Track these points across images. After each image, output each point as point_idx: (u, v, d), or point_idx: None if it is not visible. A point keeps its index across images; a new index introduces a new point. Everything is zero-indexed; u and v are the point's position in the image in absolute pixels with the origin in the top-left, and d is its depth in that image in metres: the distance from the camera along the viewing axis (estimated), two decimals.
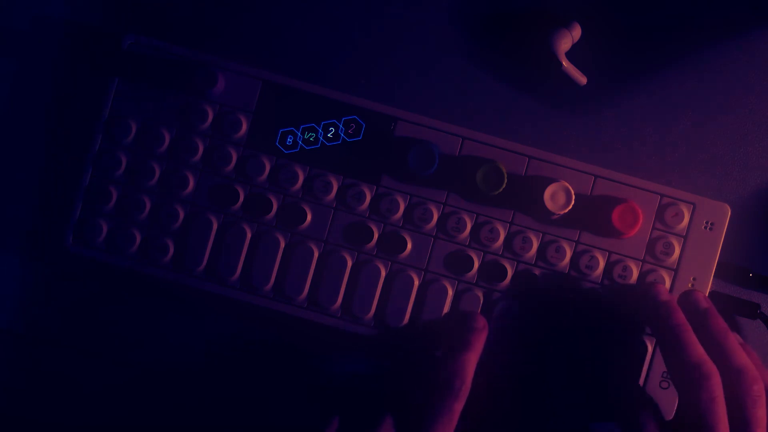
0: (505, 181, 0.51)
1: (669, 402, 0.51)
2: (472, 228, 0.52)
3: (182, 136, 0.53)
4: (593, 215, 0.52)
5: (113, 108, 0.53)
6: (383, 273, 0.52)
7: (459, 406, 0.46)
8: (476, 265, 0.52)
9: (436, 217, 0.52)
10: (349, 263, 0.52)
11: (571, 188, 0.51)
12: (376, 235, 0.52)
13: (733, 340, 0.47)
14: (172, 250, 0.53)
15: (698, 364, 0.46)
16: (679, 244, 0.52)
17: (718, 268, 0.52)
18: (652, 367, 0.51)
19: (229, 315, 0.55)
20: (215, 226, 0.53)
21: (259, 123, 0.53)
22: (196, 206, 0.53)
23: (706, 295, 0.51)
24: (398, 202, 0.52)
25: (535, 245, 0.52)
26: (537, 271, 0.52)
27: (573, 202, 0.51)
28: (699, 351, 0.46)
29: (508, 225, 0.52)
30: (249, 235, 0.53)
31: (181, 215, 0.53)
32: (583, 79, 0.54)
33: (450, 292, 0.52)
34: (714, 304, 0.53)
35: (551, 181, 0.51)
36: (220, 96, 0.53)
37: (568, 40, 0.54)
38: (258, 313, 0.53)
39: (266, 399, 0.55)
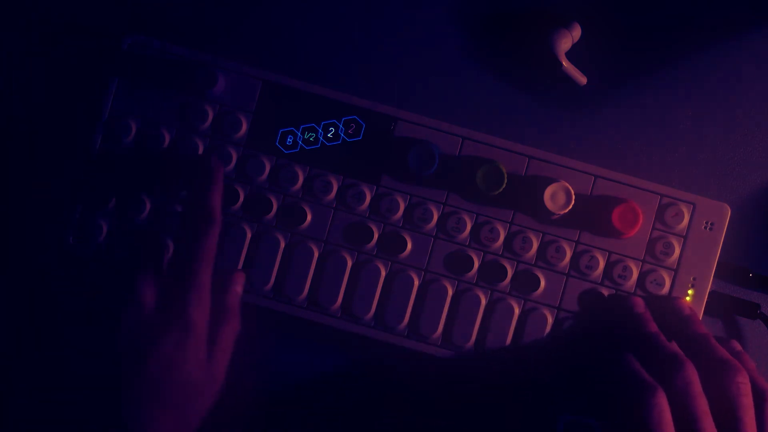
0: (505, 181, 0.51)
1: None
2: (472, 228, 0.52)
3: (182, 136, 0.53)
4: (593, 215, 0.52)
5: (113, 108, 0.53)
6: (383, 273, 0.52)
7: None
8: (476, 265, 0.52)
9: (436, 217, 0.52)
10: (349, 263, 0.52)
11: (571, 188, 0.51)
12: (376, 235, 0.52)
13: (715, 342, 0.48)
14: (171, 251, 0.53)
15: (671, 356, 0.46)
16: (679, 244, 0.52)
17: (718, 268, 0.52)
18: None
19: None
20: None
21: (259, 123, 0.53)
22: None
23: (706, 295, 0.51)
24: (398, 202, 0.52)
25: (535, 245, 0.52)
26: (537, 273, 0.52)
27: (573, 202, 0.51)
28: (671, 347, 0.47)
29: (508, 225, 0.52)
30: (249, 235, 0.53)
31: None
32: (583, 79, 0.54)
33: (450, 292, 0.52)
34: (714, 304, 0.53)
35: (551, 181, 0.51)
36: (220, 96, 0.53)
37: (568, 40, 0.53)
38: (258, 313, 0.53)
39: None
